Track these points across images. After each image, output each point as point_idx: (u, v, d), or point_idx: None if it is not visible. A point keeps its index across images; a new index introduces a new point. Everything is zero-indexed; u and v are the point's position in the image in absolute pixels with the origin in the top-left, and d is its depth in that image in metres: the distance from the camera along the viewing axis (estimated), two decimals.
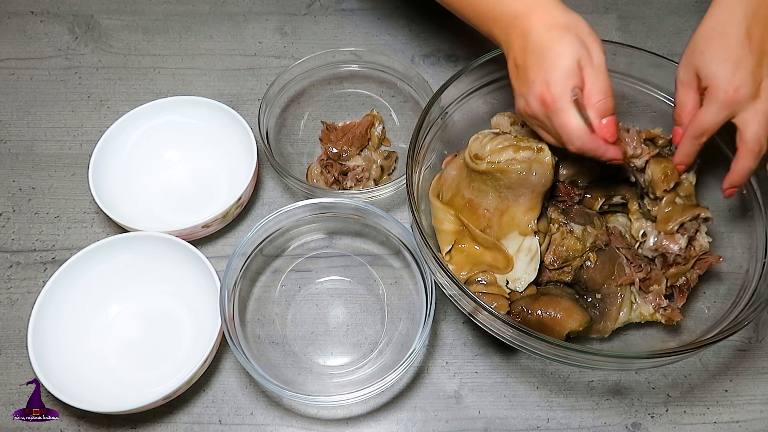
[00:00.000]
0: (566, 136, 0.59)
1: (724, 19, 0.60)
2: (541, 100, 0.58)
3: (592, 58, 0.58)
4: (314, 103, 0.86)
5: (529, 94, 0.59)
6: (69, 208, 0.79)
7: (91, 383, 0.65)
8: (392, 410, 0.67)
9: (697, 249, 0.67)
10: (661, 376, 0.68)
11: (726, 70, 0.58)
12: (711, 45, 0.60)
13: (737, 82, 0.58)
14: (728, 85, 0.58)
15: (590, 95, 0.58)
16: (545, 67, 0.58)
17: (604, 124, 0.59)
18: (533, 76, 0.59)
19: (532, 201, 0.64)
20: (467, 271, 0.65)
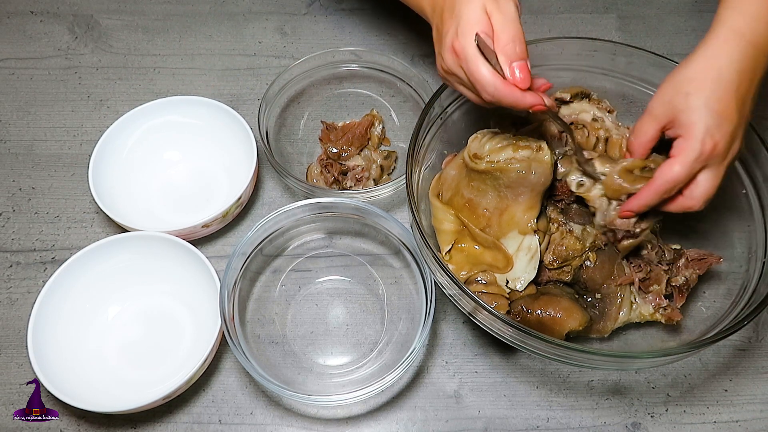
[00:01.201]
0: (478, 85, 0.57)
1: (719, 65, 0.56)
2: (452, 49, 0.58)
3: (500, 6, 0.57)
4: (314, 103, 0.86)
5: (443, 48, 0.59)
6: (69, 208, 0.79)
7: (91, 383, 0.65)
8: (392, 410, 0.67)
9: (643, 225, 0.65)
10: (661, 376, 0.68)
11: (710, 122, 0.55)
12: (700, 90, 0.56)
13: (718, 138, 0.55)
14: (708, 140, 0.55)
15: (498, 40, 0.56)
16: (454, 19, 0.58)
17: (514, 68, 0.56)
18: (446, 29, 0.58)
19: (532, 200, 0.65)
20: (467, 270, 0.65)
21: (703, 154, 0.56)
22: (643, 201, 0.60)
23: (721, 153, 0.56)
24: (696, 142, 0.55)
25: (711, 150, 0.55)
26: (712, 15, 0.99)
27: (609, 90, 0.75)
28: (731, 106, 0.56)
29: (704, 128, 0.55)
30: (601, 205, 0.64)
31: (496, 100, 0.57)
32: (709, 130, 0.55)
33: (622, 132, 0.69)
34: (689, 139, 0.56)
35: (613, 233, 0.65)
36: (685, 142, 0.56)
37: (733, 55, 0.56)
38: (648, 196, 0.59)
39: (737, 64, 0.56)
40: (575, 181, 0.65)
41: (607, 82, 0.75)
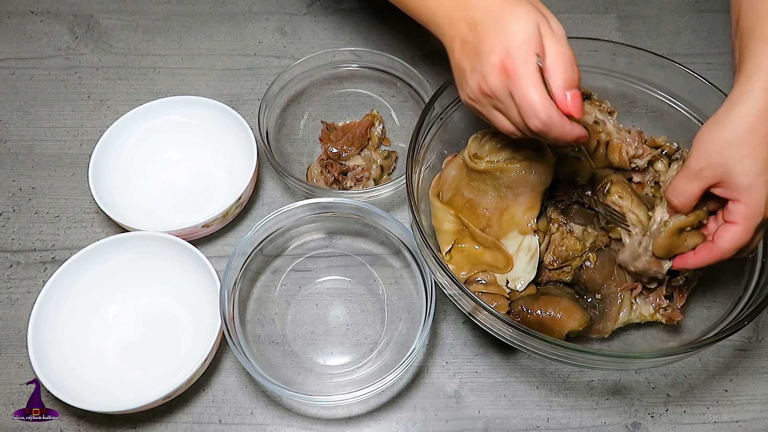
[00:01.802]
0: (530, 110, 0.51)
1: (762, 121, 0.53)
2: (501, 68, 0.51)
3: (552, 26, 0.52)
4: (314, 103, 0.86)
5: (485, 66, 0.52)
6: (69, 208, 0.79)
7: (91, 383, 0.65)
8: (392, 410, 0.67)
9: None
10: (661, 376, 0.68)
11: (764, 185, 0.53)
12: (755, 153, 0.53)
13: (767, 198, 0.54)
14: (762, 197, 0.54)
15: (553, 64, 0.51)
16: (503, 33, 0.51)
17: (569, 97, 0.51)
18: (489, 45, 0.52)
19: (532, 200, 0.65)
20: (467, 270, 0.65)
21: (765, 215, 0.55)
22: (704, 262, 0.58)
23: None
24: (759, 208, 0.54)
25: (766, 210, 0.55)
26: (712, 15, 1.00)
27: (609, 90, 0.75)
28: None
29: (765, 194, 0.54)
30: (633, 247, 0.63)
31: (545, 130, 0.52)
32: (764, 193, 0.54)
33: (622, 136, 0.69)
34: (751, 206, 0.54)
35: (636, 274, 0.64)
36: (747, 209, 0.54)
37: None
38: (710, 259, 0.58)
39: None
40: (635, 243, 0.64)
41: (608, 82, 0.75)
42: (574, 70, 0.52)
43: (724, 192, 0.56)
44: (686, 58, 0.91)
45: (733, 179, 0.54)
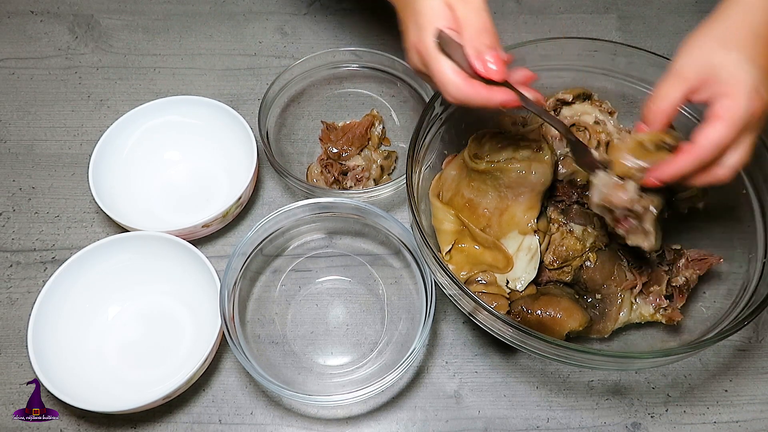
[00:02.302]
0: (440, 85, 0.52)
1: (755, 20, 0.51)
2: (416, 48, 0.54)
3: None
4: (314, 103, 0.86)
5: (407, 46, 0.55)
6: (69, 208, 0.79)
7: (91, 383, 0.65)
8: (392, 410, 0.67)
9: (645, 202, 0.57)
10: (661, 376, 0.68)
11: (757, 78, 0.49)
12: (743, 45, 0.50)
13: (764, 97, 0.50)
14: (756, 97, 0.49)
15: (464, 33, 0.52)
16: (414, 14, 0.53)
17: (484, 62, 0.51)
18: (406, 26, 0.55)
19: (532, 200, 0.65)
20: (467, 270, 0.65)
21: (754, 114, 0.50)
22: (679, 169, 0.52)
23: (762, 117, 0.51)
24: (744, 99, 0.49)
25: (760, 108, 0.50)
26: None
27: (609, 90, 0.75)
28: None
29: (752, 84, 0.49)
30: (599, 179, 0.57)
31: (462, 102, 0.53)
32: (757, 87, 0.49)
33: (623, 136, 0.69)
34: (736, 97, 0.49)
35: (611, 213, 0.58)
36: (731, 101, 0.50)
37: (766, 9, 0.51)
38: (686, 164, 0.52)
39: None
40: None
41: (608, 82, 0.75)
42: (485, 35, 0.52)
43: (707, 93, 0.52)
44: None
45: (717, 72, 0.51)
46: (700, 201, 0.70)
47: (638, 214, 0.56)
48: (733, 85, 0.50)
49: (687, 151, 0.52)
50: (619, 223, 0.58)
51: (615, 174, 0.56)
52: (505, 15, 0.95)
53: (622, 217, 0.57)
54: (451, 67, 0.52)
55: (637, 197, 0.55)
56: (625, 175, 0.55)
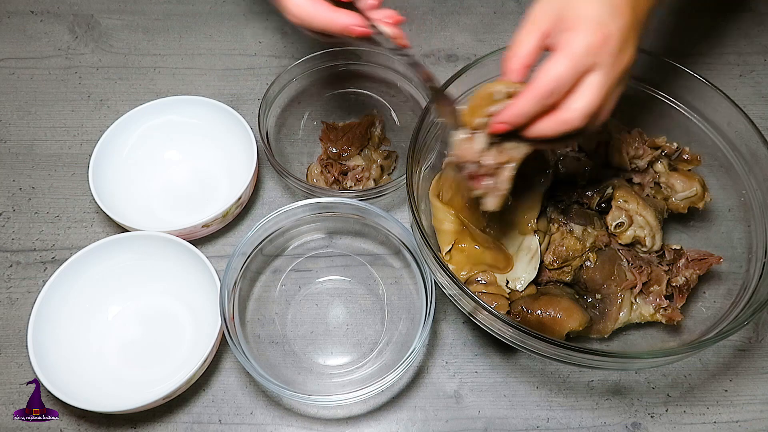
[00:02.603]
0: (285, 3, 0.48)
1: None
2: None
3: None
4: (314, 103, 0.86)
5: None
6: (69, 208, 0.79)
7: (91, 383, 0.65)
8: (392, 410, 0.67)
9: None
10: (661, 376, 0.68)
11: (603, 11, 0.46)
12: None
13: (612, 29, 0.46)
14: (599, 30, 0.46)
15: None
16: None
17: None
18: None
19: (532, 200, 0.65)
20: (467, 270, 0.65)
21: (593, 45, 0.46)
22: (520, 108, 0.48)
23: (612, 51, 0.46)
24: (585, 30, 0.46)
25: (602, 41, 0.46)
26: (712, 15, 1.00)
27: None
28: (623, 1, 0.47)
29: (596, 16, 0.46)
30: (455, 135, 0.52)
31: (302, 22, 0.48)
32: (602, 19, 0.46)
33: (623, 137, 0.69)
34: (577, 29, 0.46)
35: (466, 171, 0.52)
36: (573, 34, 0.46)
37: None
38: (526, 102, 0.47)
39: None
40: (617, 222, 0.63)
41: None
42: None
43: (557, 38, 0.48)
44: (686, 58, 0.91)
45: (565, 13, 0.47)
46: (700, 201, 0.70)
47: (491, 169, 0.52)
48: (574, 19, 0.47)
49: (527, 89, 0.48)
50: (475, 182, 0.53)
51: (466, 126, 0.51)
52: (505, 15, 0.95)
53: (475, 174, 0.52)
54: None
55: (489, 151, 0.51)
56: (476, 128, 0.50)
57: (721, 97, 0.69)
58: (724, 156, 0.71)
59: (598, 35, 0.46)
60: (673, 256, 0.68)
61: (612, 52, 0.46)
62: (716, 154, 0.72)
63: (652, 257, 0.68)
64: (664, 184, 0.70)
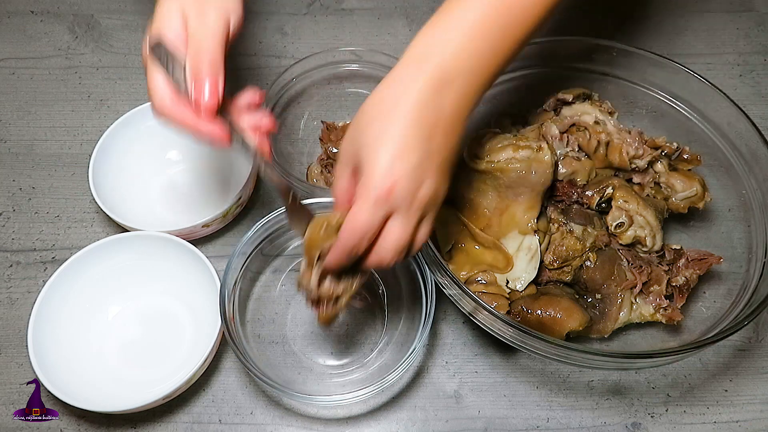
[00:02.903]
0: (149, 93, 0.50)
1: (399, 92, 0.48)
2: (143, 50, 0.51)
3: (201, 12, 0.50)
4: (314, 103, 0.86)
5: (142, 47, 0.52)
6: (69, 208, 0.79)
7: (91, 383, 0.65)
8: (392, 410, 0.67)
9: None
10: (661, 376, 0.68)
11: (390, 156, 0.46)
12: (375, 121, 0.48)
13: (399, 174, 0.46)
14: (388, 177, 0.46)
15: (188, 49, 0.49)
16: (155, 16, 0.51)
17: (199, 85, 0.48)
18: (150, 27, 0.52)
19: (532, 200, 0.65)
20: (467, 270, 0.65)
21: (383, 194, 0.46)
22: (334, 259, 0.51)
23: (404, 195, 0.47)
24: (374, 180, 0.46)
25: (389, 190, 0.46)
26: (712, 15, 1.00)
27: (609, 90, 0.75)
28: (410, 140, 0.47)
29: (384, 164, 0.46)
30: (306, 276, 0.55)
31: (165, 119, 0.50)
32: (390, 166, 0.46)
33: (623, 136, 0.69)
34: (368, 178, 0.47)
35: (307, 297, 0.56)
36: (364, 183, 0.47)
37: (415, 83, 0.48)
38: (339, 253, 0.50)
39: (418, 93, 0.47)
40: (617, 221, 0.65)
41: (608, 82, 0.75)
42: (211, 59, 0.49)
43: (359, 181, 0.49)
44: (686, 58, 0.91)
45: (359, 152, 0.48)
46: (700, 201, 0.70)
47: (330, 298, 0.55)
48: (365, 165, 0.48)
49: (337, 242, 0.50)
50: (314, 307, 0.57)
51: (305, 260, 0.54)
52: None
53: (315, 300, 0.56)
54: (163, 79, 0.49)
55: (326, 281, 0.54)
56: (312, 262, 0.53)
57: (721, 97, 0.69)
58: (724, 156, 0.71)
59: (386, 184, 0.46)
60: (673, 256, 0.68)
61: (404, 195, 0.47)
62: (716, 154, 0.72)
63: (652, 257, 0.68)
64: (664, 184, 0.70)
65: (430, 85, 0.48)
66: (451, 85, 0.49)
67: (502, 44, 0.51)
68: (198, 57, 0.49)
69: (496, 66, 0.51)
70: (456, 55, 0.49)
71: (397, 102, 0.48)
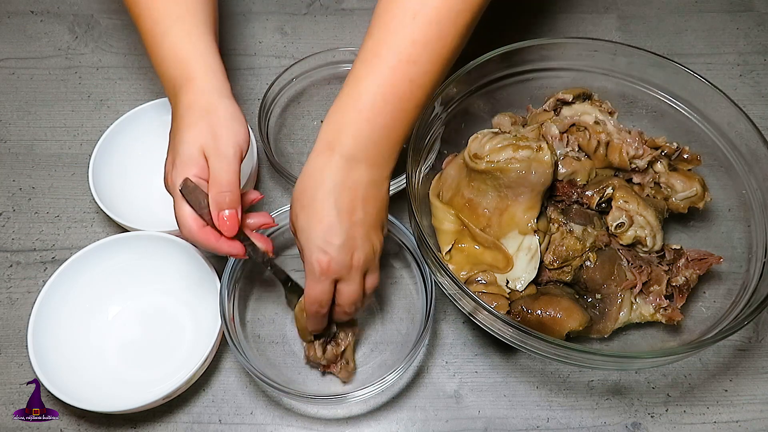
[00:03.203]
0: (178, 223, 0.59)
1: (316, 179, 0.56)
2: (167, 177, 0.60)
3: (219, 148, 0.58)
4: (314, 103, 0.86)
5: (166, 161, 0.62)
6: (69, 208, 0.79)
7: (91, 383, 0.65)
8: (392, 410, 0.67)
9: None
10: (661, 376, 0.68)
11: (318, 240, 0.55)
12: (302, 212, 0.56)
13: (332, 254, 0.55)
14: (322, 257, 0.55)
15: (212, 186, 0.58)
16: (173, 151, 0.60)
17: (221, 218, 0.58)
18: (169, 150, 0.61)
19: (532, 200, 0.65)
20: (467, 270, 0.65)
21: (323, 270, 0.55)
22: (310, 325, 0.62)
23: (341, 266, 0.56)
24: (311, 264, 0.56)
25: (327, 266, 0.55)
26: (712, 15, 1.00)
27: (609, 90, 0.75)
28: (333, 221, 0.55)
29: (314, 247, 0.55)
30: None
31: (191, 241, 0.59)
32: (320, 248, 0.55)
33: (623, 136, 0.69)
34: (308, 260, 0.56)
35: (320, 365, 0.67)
36: (306, 263, 0.56)
37: (328, 168, 0.55)
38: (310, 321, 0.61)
39: (332, 177, 0.55)
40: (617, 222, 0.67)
41: (608, 82, 0.75)
42: (229, 193, 0.57)
43: None
44: (686, 58, 0.91)
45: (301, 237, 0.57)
46: (700, 201, 0.70)
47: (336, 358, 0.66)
48: (305, 245, 0.56)
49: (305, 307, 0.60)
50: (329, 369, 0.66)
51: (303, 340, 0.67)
52: (505, 15, 0.95)
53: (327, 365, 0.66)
54: (189, 213, 0.58)
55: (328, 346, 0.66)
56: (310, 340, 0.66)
57: (721, 97, 0.69)
58: (724, 156, 0.71)
59: (322, 263, 0.55)
60: (673, 256, 0.68)
61: (340, 266, 0.56)
62: (716, 154, 0.72)
63: (652, 257, 0.68)
64: (664, 184, 0.70)
65: (341, 167, 0.55)
66: (359, 163, 0.56)
67: (399, 115, 0.57)
68: (220, 196, 0.57)
69: (400, 131, 0.58)
70: (356, 137, 0.55)
71: (316, 192, 0.55)
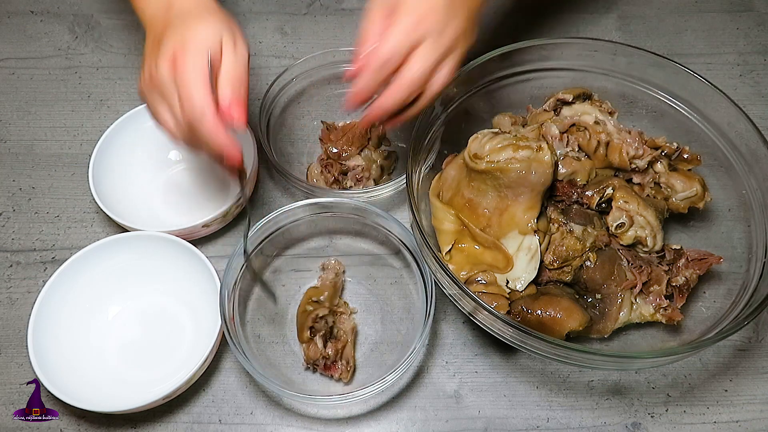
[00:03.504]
0: (188, 107, 0.53)
1: None
2: (172, 58, 0.54)
3: (236, 45, 0.55)
4: (314, 103, 0.86)
5: (160, 54, 0.55)
6: (69, 208, 0.79)
7: (91, 383, 0.65)
8: (392, 410, 0.67)
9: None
10: (661, 376, 0.68)
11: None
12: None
13: (430, 5, 0.52)
14: (417, 7, 0.52)
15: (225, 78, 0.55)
16: (185, 29, 0.54)
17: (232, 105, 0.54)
18: (169, 37, 0.55)
19: (532, 200, 0.65)
20: (467, 270, 0.65)
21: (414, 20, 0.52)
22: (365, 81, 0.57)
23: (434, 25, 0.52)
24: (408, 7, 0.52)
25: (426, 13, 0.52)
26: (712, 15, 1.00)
27: (609, 90, 0.75)
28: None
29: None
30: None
31: (194, 125, 0.54)
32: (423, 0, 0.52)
33: (623, 136, 0.69)
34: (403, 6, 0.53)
35: (319, 366, 0.67)
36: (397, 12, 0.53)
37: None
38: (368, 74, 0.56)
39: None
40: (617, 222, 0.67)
41: (608, 82, 0.75)
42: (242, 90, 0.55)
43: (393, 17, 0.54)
44: (686, 58, 0.91)
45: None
46: (700, 201, 0.70)
47: (335, 357, 0.66)
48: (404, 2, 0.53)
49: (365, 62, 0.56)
50: (329, 370, 0.66)
51: (301, 341, 0.67)
52: (505, 15, 0.95)
53: (328, 364, 0.66)
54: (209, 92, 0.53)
55: (329, 344, 0.66)
56: (306, 340, 0.66)
57: (721, 97, 0.69)
58: (724, 156, 0.71)
59: (423, 7, 0.52)
60: (673, 256, 0.68)
61: (433, 26, 0.52)
62: (716, 154, 0.72)
63: (652, 257, 0.68)
64: (664, 184, 0.70)
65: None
66: None
67: None
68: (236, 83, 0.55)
69: None
70: None
71: None
